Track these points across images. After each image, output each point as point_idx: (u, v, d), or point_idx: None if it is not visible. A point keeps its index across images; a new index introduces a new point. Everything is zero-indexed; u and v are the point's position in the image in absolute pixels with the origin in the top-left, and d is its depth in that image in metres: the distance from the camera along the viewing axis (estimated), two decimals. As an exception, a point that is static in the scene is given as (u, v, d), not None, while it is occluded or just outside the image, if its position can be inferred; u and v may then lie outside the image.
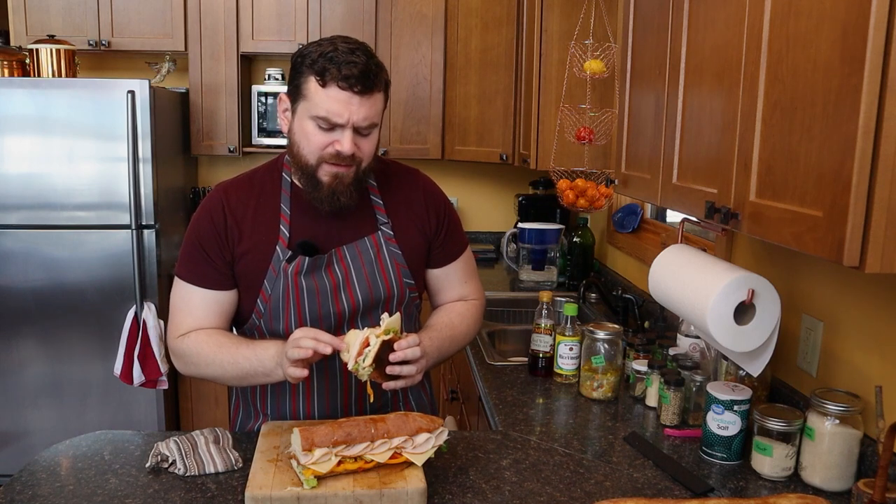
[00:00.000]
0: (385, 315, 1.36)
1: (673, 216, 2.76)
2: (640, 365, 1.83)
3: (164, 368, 3.09)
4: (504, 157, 3.41)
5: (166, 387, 3.16)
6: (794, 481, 1.41)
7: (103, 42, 3.46)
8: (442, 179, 3.80)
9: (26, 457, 3.00)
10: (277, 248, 1.46)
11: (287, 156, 1.48)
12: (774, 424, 1.40)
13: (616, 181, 1.93)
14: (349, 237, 1.50)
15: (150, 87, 3.07)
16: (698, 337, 1.84)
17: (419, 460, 1.29)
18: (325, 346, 1.30)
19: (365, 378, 1.32)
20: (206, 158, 3.91)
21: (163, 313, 3.15)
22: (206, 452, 1.39)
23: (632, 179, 1.82)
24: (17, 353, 3.19)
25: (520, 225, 3.21)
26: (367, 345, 1.30)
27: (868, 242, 0.93)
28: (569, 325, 1.91)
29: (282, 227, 1.47)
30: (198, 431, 1.45)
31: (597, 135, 2.57)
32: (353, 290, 1.49)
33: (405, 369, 1.34)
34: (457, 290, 1.66)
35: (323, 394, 1.54)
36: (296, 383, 1.44)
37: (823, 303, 1.55)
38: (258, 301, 1.48)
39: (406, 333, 1.39)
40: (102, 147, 3.09)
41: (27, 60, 3.21)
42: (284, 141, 1.47)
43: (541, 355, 1.99)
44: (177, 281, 1.50)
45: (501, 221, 4.03)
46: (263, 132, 3.65)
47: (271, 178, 1.52)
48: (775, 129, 1.13)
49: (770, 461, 1.41)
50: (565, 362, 1.92)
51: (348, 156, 1.37)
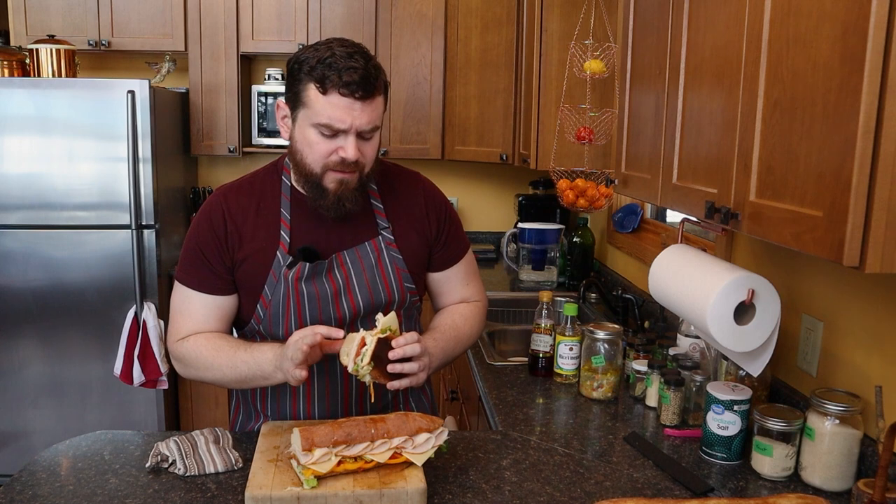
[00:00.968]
0: (379, 315, 1.35)
1: (673, 216, 2.76)
2: (640, 365, 1.83)
3: (164, 368, 3.09)
4: (504, 157, 3.41)
5: (166, 387, 3.15)
6: (794, 481, 1.41)
7: (103, 42, 3.46)
8: (442, 179, 3.82)
9: (26, 457, 3.00)
10: (278, 253, 1.45)
11: (287, 160, 1.48)
12: (774, 424, 1.40)
13: (616, 181, 1.93)
14: (350, 242, 1.49)
15: (150, 87, 3.07)
16: (698, 337, 1.84)
17: (419, 460, 1.28)
18: (319, 336, 1.31)
19: (366, 379, 1.32)
20: (206, 158, 3.91)
21: (163, 313, 3.15)
22: (206, 452, 1.38)
23: (632, 179, 1.81)
24: (17, 353, 3.19)
25: (520, 225, 3.20)
26: (364, 345, 1.30)
27: (868, 242, 0.93)
28: (569, 325, 1.91)
29: (282, 233, 1.46)
30: (198, 431, 1.45)
31: (597, 135, 2.57)
32: (354, 295, 1.49)
33: (407, 367, 1.33)
34: (459, 292, 1.66)
35: (323, 395, 1.54)
36: (297, 385, 1.44)
37: (823, 303, 1.55)
38: (258, 306, 1.48)
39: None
40: (102, 147, 3.08)
41: (27, 60, 3.21)
42: (284, 141, 1.47)
43: (541, 355, 1.99)
44: (177, 285, 1.50)
45: (501, 221, 4.03)
46: (263, 132, 3.64)
47: (271, 182, 1.51)
48: (775, 129, 1.13)
49: (770, 461, 1.41)
50: (565, 362, 1.92)
51: (353, 162, 1.37)
